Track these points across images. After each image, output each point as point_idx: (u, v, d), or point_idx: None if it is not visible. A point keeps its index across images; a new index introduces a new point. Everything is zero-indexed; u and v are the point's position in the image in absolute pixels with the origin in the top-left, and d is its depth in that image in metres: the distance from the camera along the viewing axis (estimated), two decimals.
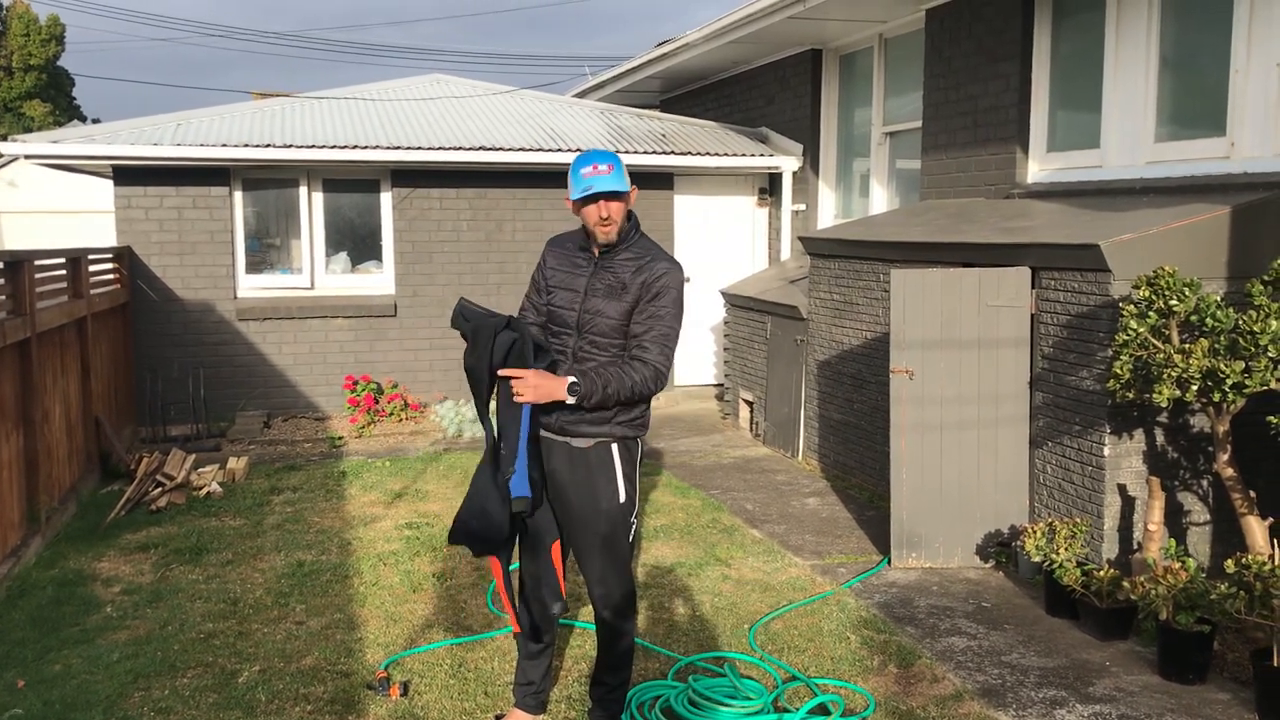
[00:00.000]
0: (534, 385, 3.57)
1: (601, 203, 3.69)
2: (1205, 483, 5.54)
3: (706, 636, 5.02)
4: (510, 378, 3.60)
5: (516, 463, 3.68)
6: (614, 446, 3.79)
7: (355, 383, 10.28)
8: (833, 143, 10.70)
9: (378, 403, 10.19)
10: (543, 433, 3.82)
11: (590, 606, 4.12)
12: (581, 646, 4.90)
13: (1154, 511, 5.14)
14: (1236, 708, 4.24)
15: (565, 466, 3.82)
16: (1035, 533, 5.38)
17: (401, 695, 4.36)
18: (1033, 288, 5.89)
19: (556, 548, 3.86)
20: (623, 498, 3.80)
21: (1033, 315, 5.90)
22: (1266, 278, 4.83)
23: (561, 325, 3.83)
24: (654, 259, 3.78)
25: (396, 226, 10.65)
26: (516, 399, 3.60)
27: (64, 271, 7.66)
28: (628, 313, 3.72)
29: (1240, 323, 4.73)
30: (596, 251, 3.81)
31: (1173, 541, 5.19)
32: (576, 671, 4.64)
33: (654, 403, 11.05)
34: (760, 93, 11.85)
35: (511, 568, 3.91)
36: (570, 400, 3.59)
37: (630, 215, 3.81)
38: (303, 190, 10.49)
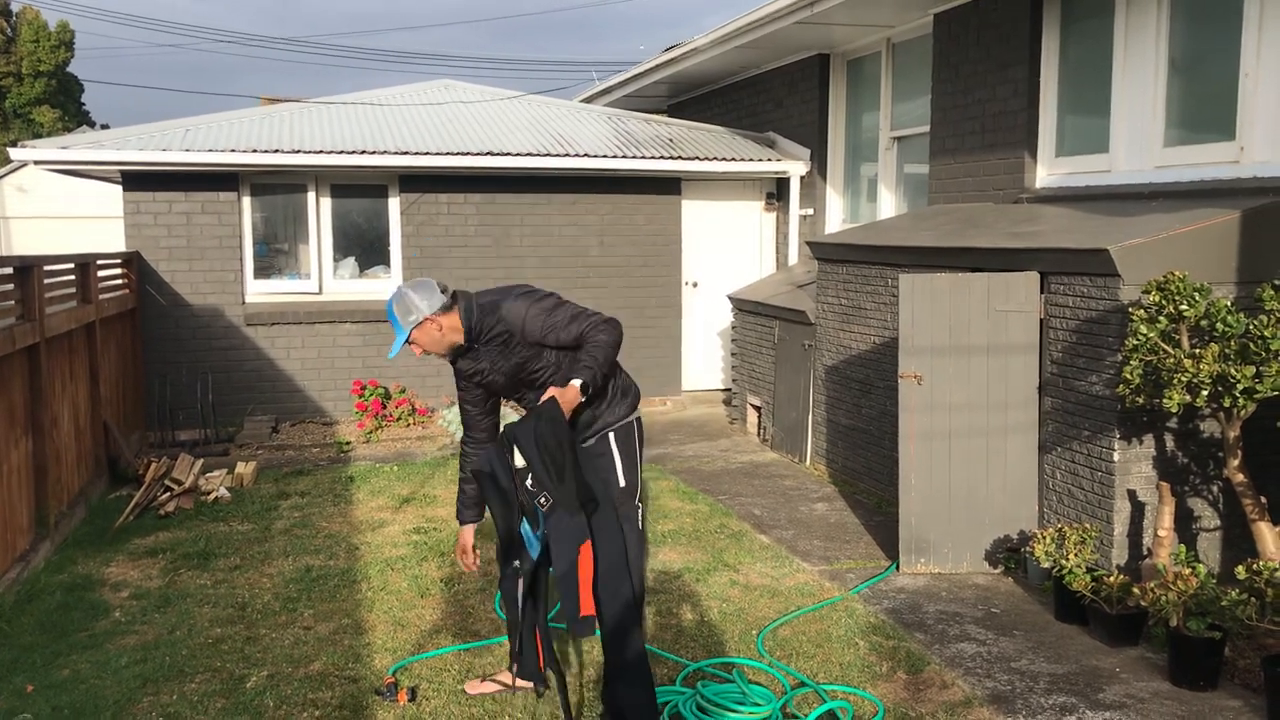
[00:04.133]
0: (565, 399, 3.79)
1: (409, 347, 4.04)
2: (1215, 488, 5.51)
3: (714, 642, 5.00)
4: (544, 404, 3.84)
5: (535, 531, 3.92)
6: (610, 435, 4.09)
7: (363, 388, 10.30)
8: (840, 147, 10.70)
9: (385, 408, 10.20)
10: None
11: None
12: (590, 651, 4.88)
13: (1164, 517, 5.12)
14: (1248, 715, 4.22)
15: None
16: (1045, 538, 5.36)
17: (409, 701, 4.36)
18: (1042, 293, 5.87)
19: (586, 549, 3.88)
20: (622, 482, 4.07)
21: (1042, 320, 5.89)
22: (1277, 282, 4.81)
23: (502, 391, 4.18)
24: (494, 311, 4.00)
25: (404, 231, 10.66)
26: (568, 404, 3.80)
27: (73, 277, 7.68)
28: (528, 352, 4.01)
29: (1251, 327, 4.71)
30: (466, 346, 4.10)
31: (1183, 547, 5.17)
32: (586, 676, 4.63)
33: (662, 407, 11.18)
34: (768, 97, 11.85)
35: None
36: (583, 398, 3.84)
37: (460, 303, 4.02)
38: (311, 195, 10.51)
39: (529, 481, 3.80)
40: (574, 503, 3.78)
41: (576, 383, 3.78)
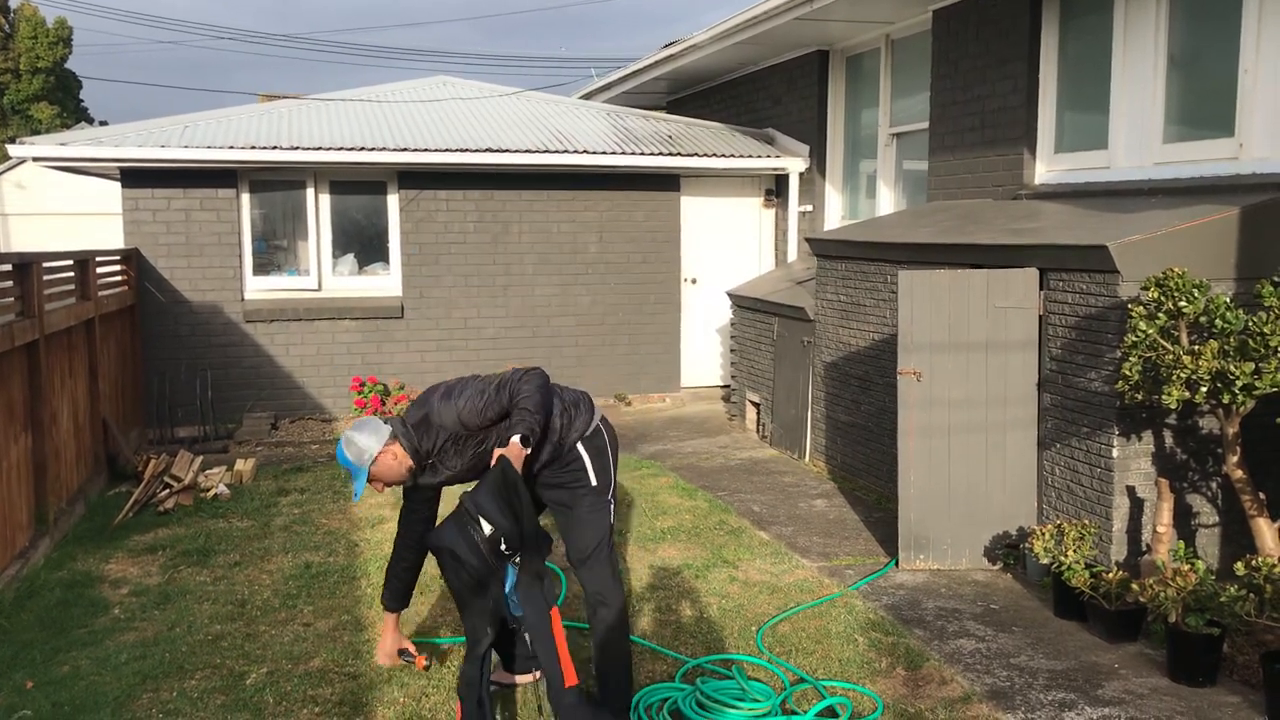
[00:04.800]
0: (512, 455, 3.83)
1: (371, 486, 4.12)
2: (1214, 484, 5.52)
3: (714, 638, 5.01)
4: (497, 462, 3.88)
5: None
6: (579, 445, 4.19)
7: (362, 384, 10.30)
8: (839, 144, 10.69)
9: (384, 404, 10.19)
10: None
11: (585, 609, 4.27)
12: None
13: (1163, 513, 5.12)
14: (1246, 710, 4.23)
15: (551, 482, 4.23)
16: (1044, 534, 5.37)
17: (426, 668, 4.48)
18: (1041, 289, 5.88)
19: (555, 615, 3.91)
20: (593, 481, 4.18)
21: (1041, 317, 5.89)
22: (1276, 278, 4.81)
23: (466, 480, 4.21)
24: (429, 425, 4.08)
25: (403, 228, 10.66)
26: (515, 459, 3.83)
27: (72, 273, 7.67)
28: (478, 438, 4.08)
29: (1250, 324, 4.71)
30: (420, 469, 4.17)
31: (1182, 543, 5.17)
32: (584, 674, 4.63)
33: (661, 404, 11.20)
34: (767, 94, 11.84)
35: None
36: (528, 449, 3.88)
37: (402, 435, 4.08)
38: (310, 192, 10.50)
39: (502, 545, 3.79)
40: (539, 562, 3.84)
41: (515, 437, 3.85)
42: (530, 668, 4.51)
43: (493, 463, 3.86)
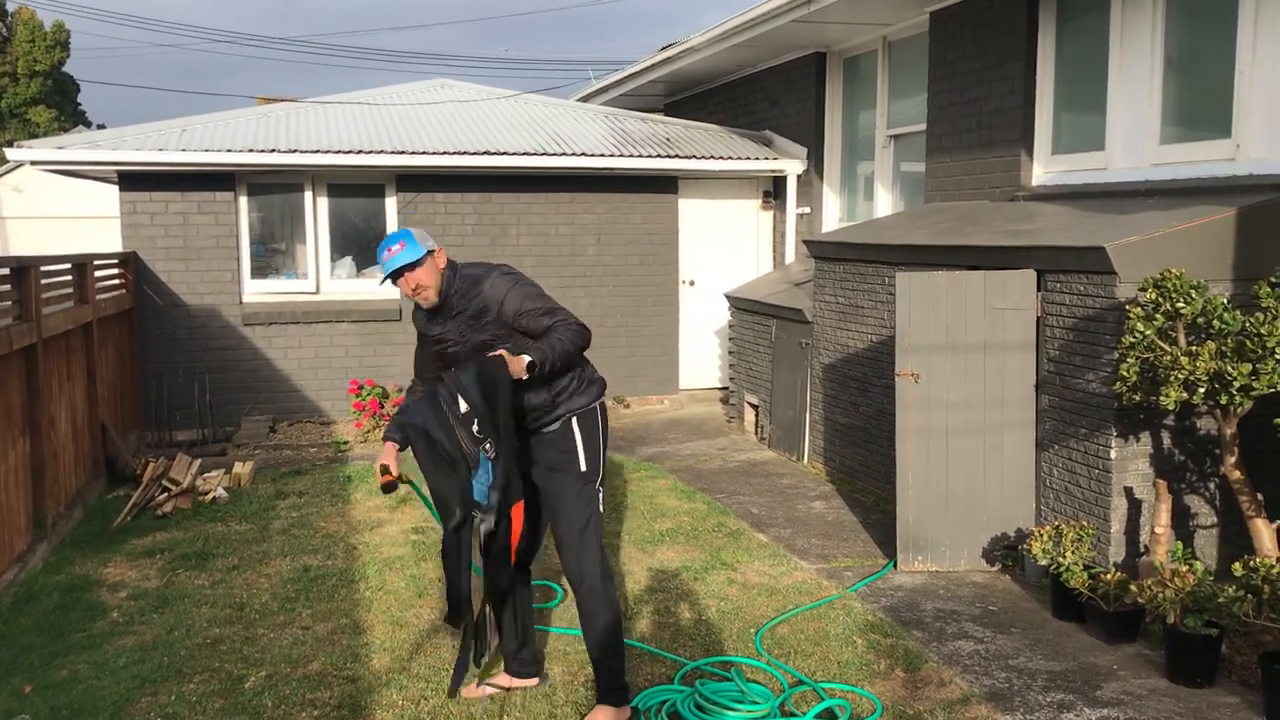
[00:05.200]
0: (512, 365, 3.81)
1: (405, 277, 4.04)
2: (1212, 485, 5.52)
3: (712, 641, 5.01)
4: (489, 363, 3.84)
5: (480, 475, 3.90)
6: (573, 420, 4.16)
7: (360, 387, 10.29)
8: (837, 146, 10.70)
9: (383, 407, 10.19)
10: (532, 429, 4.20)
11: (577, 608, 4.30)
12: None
13: (1161, 514, 5.13)
14: (1245, 711, 4.23)
15: (539, 451, 4.21)
16: (1042, 536, 5.37)
17: (398, 480, 4.02)
18: (1038, 290, 5.88)
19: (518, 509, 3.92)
20: (583, 466, 4.16)
21: (1038, 318, 5.89)
22: (1274, 279, 4.82)
23: (456, 361, 4.13)
24: (476, 283, 4.08)
25: None
26: (512, 372, 3.80)
27: (70, 277, 7.67)
28: (499, 330, 4.05)
29: (1247, 325, 4.71)
30: (440, 308, 4.14)
31: (1180, 544, 5.18)
32: (583, 676, 4.63)
33: (659, 406, 11.19)
34: (764, 96, 11.85)
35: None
36: (527, 376, 3.85)
37: (450, 265, 4.14)
38: (308, 195, 10.50)
39: (475, 428, 3.78)
40: (509, 458, 3.82)
41: (526, 359, 3.83)
42: (531, 673, 4.50)
43: (492, 354, 3.85)
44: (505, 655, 4.52)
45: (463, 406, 3.79)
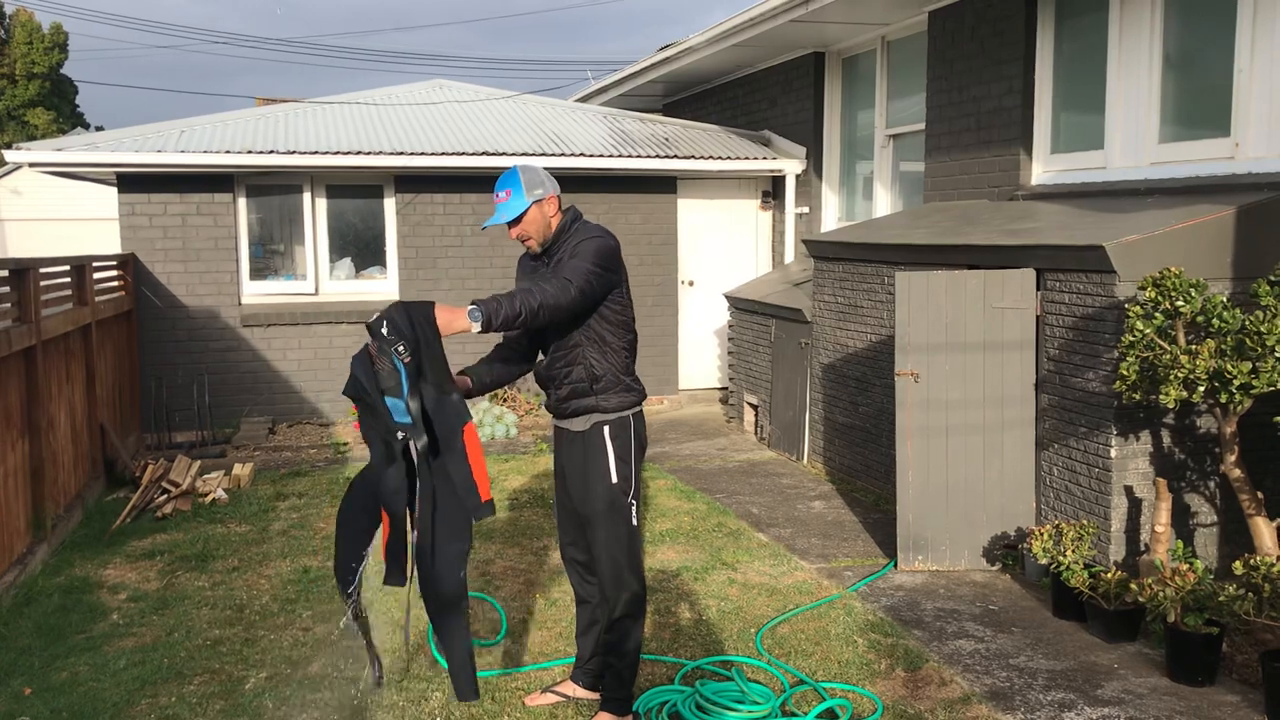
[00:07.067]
0: (444, 316, 3.47)
1: (515, 227, 3.92)
2: (1212, 484, 5.52)
3: (713, 641, 5.01)
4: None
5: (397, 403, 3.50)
6: (605, 429, 3.97)
7: None
8: (836, 146, 10.70)
9: None
10: (553, 421, 4.12)
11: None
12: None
13: (1161, 513, 5.13)
14: (1246, 710, 4.23)
15: (566, 451, 4.08)
16: (1042, 535, 5.37)
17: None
18: (1038, 289, 5.88)
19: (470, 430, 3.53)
20: (614, 478, 3.96)
21: (1038, 317, 5.89)
22: (1273, 278, 4.82)
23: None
24: (578, 240, 3.89)
25: (400, 232, 10.65)
26: (444, 322, 3.47)
27: (69, 279, 7.66)
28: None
29: (1247, 323, 4.71)
30: (543, 255, 4.00)
31: (1180, 543, 5.18)
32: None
33: (659, 406, 11.18)
34: (763, 96, 11.85)
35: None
36: (475, 327, 3.50)
37: (567, 211, 3.98)
38: (306, 196, 10.50)
39: (401, 348, 3.37)
40: (444, 380, 3.47)
41: (471, 308, 3.49)
42: (596, 685, 4.26)
43: (425, 300, 3.52)
44: (579, 658, 4.32)
45: (384, 330, 3.39)
